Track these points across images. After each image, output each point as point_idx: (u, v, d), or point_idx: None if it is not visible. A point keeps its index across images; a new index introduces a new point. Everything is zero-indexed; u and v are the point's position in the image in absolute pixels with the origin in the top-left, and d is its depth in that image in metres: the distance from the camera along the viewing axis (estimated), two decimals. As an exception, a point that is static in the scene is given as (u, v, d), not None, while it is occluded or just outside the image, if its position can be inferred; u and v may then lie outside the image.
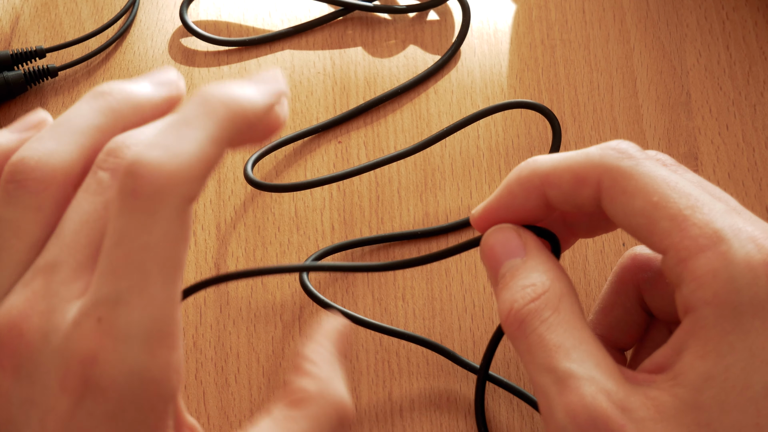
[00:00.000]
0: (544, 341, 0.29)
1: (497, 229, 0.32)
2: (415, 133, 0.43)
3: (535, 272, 0.30)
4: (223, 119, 0.24)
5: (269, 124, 0.27)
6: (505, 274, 0.31)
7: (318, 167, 0.42)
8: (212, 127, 0.24)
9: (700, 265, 0.27)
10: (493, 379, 0.38)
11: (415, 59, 0.45)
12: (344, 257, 0.41)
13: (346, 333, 0.31)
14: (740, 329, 0.27)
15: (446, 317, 0.39)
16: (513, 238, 0.31)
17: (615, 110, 0.43)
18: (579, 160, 0.30)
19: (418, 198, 0.42)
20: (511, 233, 0.32)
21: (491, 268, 0.32)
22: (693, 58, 0.44)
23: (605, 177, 0.29)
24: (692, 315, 0.28)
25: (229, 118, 0.24)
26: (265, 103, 0.26)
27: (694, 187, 0.29)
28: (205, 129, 0.24)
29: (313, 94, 0.44)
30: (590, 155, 0.29)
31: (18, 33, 0.45)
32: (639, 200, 0.28)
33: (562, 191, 0.30)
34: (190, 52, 0.45)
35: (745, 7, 0.46)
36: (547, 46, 0.45)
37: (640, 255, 0.34)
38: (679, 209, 0.28)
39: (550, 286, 0.30)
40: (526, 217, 0.32)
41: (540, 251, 0.31)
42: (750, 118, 0.43)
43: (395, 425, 0.37)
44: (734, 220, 0.28)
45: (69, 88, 0.44)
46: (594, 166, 0.29)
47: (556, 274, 0.31)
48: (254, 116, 0.25)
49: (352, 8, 0.45)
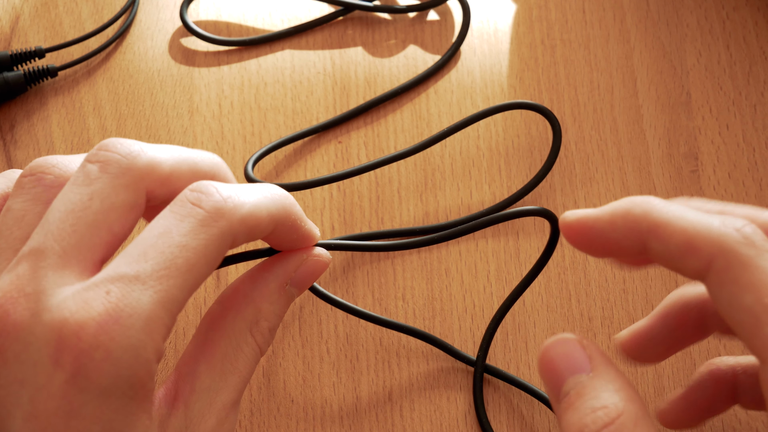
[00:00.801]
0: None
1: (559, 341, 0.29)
2: (415, 133, 0.43)
3: (606, 392, 0.27)
4: (280, 202, 0.28)
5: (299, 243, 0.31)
6: (569, 392, 0.28)
7: (318, 167, 0.42)
8: (270, 201, 0.28)
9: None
10: (490, 370, 0.38)
11: (415, 59, 0.45)
12: (343, 255, 0.41)
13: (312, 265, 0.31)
14: None
15: (446, 317, 0.39)
16: (576, 350, 0.28)
17: (615, 110, 0.43)
18: (698, 227, 0.27)
19: (418, 198, 0.42)
20: (574, 345, 0.29)
21: (551, 382, 0.29)
22: (693, 58, 0.44)
23: (720, 258, 0.26)
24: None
25: (284, 205, 0.29)
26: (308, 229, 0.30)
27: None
28: (265, 198, 0.28)
29: (313, 94, 0.44)
30: (711, 227, 0.26)
31: (18, 33, 0.45)
32: (749, 296, 0.25)
33: (668, 250, 0.27)
34: (190, 52, 0.45)
35: (745, 6, 0.46)
36: (547, 46, 0.45)
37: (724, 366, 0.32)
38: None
39: (624, 408, 0.26)
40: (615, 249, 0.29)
41: (608, 366, 0.28)
42: (750, 118, 0.43)
43: (395, 425, 0.37)
44: None
45: (69, 88, 0.44)
46: (712, 240, 0.26)
47: (628, 394, 0.27)
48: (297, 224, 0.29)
49: (352, 8, 0.45)
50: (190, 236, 0.25)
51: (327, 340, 0.39)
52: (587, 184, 0.42)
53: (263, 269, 0.30)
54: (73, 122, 0.43)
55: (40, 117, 0.43)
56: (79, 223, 0.26)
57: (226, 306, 0.30)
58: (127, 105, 0.44)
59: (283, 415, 0.38)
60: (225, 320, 0.29)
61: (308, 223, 0.30)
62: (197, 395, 0.28)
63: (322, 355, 0.39)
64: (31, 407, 0.24)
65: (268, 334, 0.30)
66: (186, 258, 0.25)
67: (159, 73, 0.44)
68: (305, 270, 0.31)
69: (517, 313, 0.40)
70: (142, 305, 0.24)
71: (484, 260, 0.40)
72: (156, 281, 0.25)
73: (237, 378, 0.29)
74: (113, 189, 0.26)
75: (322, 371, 0.38)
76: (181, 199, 0.26)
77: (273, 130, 0.43)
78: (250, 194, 0.28)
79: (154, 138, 0.43)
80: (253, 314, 0.29)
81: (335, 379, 0.38)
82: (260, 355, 0.30)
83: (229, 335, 0.29)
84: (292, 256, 0.31)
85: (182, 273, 0.25)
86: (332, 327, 0.39)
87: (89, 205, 0.26)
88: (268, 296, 0.30)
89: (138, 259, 0.25)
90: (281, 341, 0.39)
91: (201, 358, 0.28)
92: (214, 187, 0.27)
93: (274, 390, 0.38)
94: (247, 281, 0.30)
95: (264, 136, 0.43)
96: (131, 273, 0.25)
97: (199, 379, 0.28)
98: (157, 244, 0.25)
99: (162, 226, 0.26)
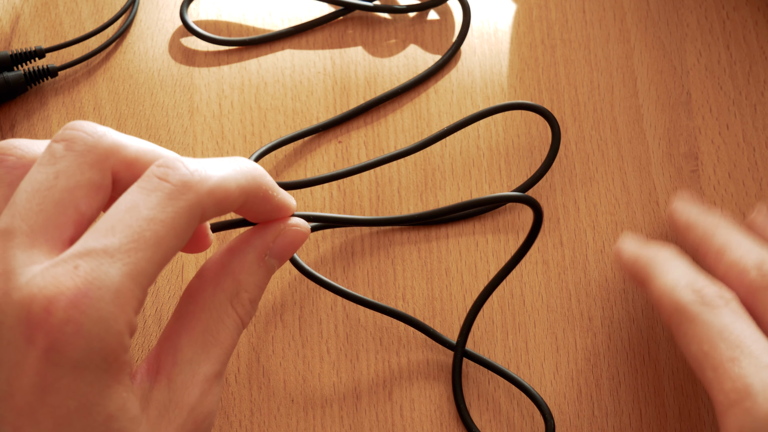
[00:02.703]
0: None
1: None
2: (415, 132, 0.43)
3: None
4: (250, 175, 0.28)
5: (275, 214, 0.31)
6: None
7: (318, 167, 0.42)
8: (239, 174, 0.28)
9: (729, 421, 0.29)
10: (470, 355, 0.38)
11: (416, 59, 0.45)
12: (344, 255, 0.41)
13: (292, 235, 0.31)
14: None
15: (446, 317, 0.39)
16: None
17: (615, 110, 0.43)
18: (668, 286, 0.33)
19: (418, 198, 0.42)
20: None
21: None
22: (693, 58, 0.44)
23: (675, 314, 0.32)
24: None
25: (254, 177, 0.28)
26: (281, 199, 0.30)
27: (750, 334, 0.31)
28: (234, 171, 0.28)
29: (313, 93, 0.44)
30: (676, 288, 0.33)
31: (18, 33, 0.45)
32: (694, 346, 0.31)
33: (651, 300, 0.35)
34: (190, 52, 0.45)
35: (745, 6, 0.46)
36: (547, 45, 0.45)
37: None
38: (722, 361, 0.30)
39: None
40: None
41: None
42: (750, 118, 0.43)
43: (395, 425, 0.37)
44: None
45: (69, 87, 0.44)
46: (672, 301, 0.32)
47: None
48: (268, 194, 0.29)
49: (352, 8, 0.45)
50: (157, 209, 0.25)
51: (327, 340, 0.39)
52: (587, 183, 0.42)
53: (241, 241, 0.30)
54: (73, 122, 0.43)
55: (40, 117, 0.43)
56: (45, 202, 0.26)
57: (206, 279, 0.30)
58: (127, 105, 0.44)
59: (283, 415, 0.38)
60: (205, 293, 0.29)
61: (281, 193, 0.30)
62: (179, 368, 0.28)
63: (322, 355, 0.39)
64: (7, 386, 0.24)
65: (249, 306, 0.30)
66: (154, 231, 0.25)
67: (159, 73, 0.44)
68: (284, 240, 0.31)
69: (517, 313, 0.40)
70: (111, 278, 0.24)
71: (484, 260, 0.40)
72: (125, 254, 0.25)
73: (219, 350, 0.29)
74: (78, 167, 0.26)
75: (322, 371, 0.38)
76: (148, 175, 0.26)
77: (273, 129, 0.43)
78: (217, 167, 0.27)
79: (155, 138, 0.43)
80: (232, 286, 0.29)
81: (335, 379, 0.38)
82: (242, 326, 0.30)
83: (209, 308, 0.29)
84: (269, 227, 0.31)
85: (151, 246, 0.25)
86: (332, 327, 0.39)
87: (55, 183, 0.26)
88: (247, 268, 0.30)
89: (106, 233, 0.25)
90: (281, 341, 0.39)
91: (182, 332, 0.28)
92: (181, 162, 0.27)
93: (274, 390, 0.38)
94: (226, 254, 0.30)
95: (264, 135, 0.43)
96: (99, 247, 0.25)
97: (181, 352, 0.28)
98: (125, 218, 0.25)
99: (129, 201, 0.26)
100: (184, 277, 0.40)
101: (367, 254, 0.41)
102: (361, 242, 0.41)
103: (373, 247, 0.41)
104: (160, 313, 0.39)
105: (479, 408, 0.38)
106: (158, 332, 0.39)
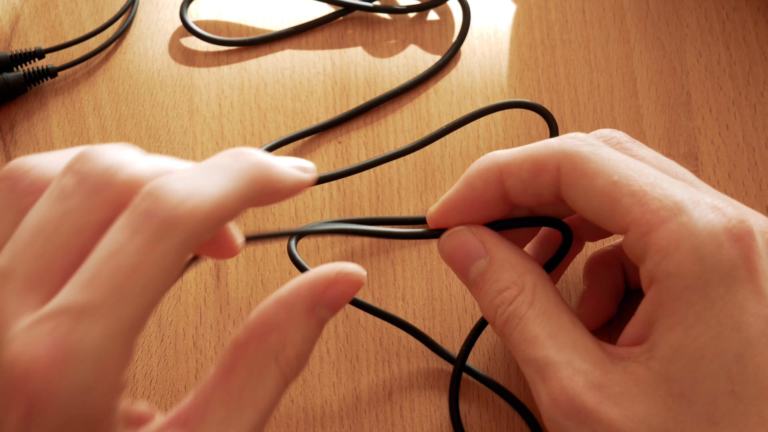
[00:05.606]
0: (524, 335, 0.30)
1: (451, 234, 0.32)
2: (415, 133, 0.43)
3: (505, 272, 0.31)
4: (250, 177, 0.25)
5: (286, 194, 0.27)
6: (476, 280, 0.32)
7: (318, 167, 0.42)
8: (239, 182, 0.25)
9: (662, 237, 0.28)
10: (469, 370, 0.38)
11: (415, 59, 0.45)
12: (344, 254, 0.41)
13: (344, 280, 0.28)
14: (706, 298, 0.27)
15: (446, 317, 0.39)
16: (470, 239, 0.32)
17: (615, 110, 0.43)
18: (538, 148, 0.31)
19: (418, 198, 0.42)
20: (466, 235, 0.32)
21: (459, 273, 0.32)
22: (693, 58, 0.44)
23: (565, 162, 0.30)
24: (657, 287, 0.28)
25: (256, 179, 0.25)
26: (291, 183, 0.27)
27: (652, 168, 0.30)
28: (232, 180, 0.25)
29: (313, 94, 0.44)
30: (549, 144, 0.31)
31: (18, 33, 0.45)
32: (599, 180, 0.29)
33: (522, 180, 0.31)
34: (190, 52, 0.45)
35: (745, 6, 0.46)
36: (547, 46, 0.45)
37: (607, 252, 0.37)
38: (640, 186, 0.29)
39: (523, 282, 0.30)
40: (484, 213, 0.32)
41: (500, 246, 0.32)
42: (750, 118, 0.43)
43: (395, 425, 0.37)
44: (694, 192, 0.29)
45: (69, 88, 0.44)
46: (554, 152, 0.30)
47: (525, 267, 0.31)
48: (276, 187, 0.26)
49: (352, 8, 0.45)
50: (141, 254, 0.23)
51: (327, 340, 0.39)
52: (587, 184, 0.42)
53: (289, 290, 0.28)
54: (73, 122, 0.43)
55: (40, 117, 0.43)
56: (48, 245, 0.24)
57: (251, 331, 0.27)
58: (127, 105, 0.44)
59: (283, 415, 0.38)
60: (248, 347, 0.27)
61: (289, 177, 0.27)
62: (207, 426, 0.26)
63: (322, 355, 0.39)
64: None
65: (296, 362, 0.27)
66: (139, 279, 0.23)
67: (159, 73, 0.44)
68: (335, 290, 0.28)
69: (517, 313, 0.40)
70: (92, 339, 0.23)
71: (484, 260, 0.40)
72: (108, 310, 0.23)
73: (254, 412, 0.26)
74: (89, 208, 0.24)
75: (322, 371, 0.38)
76: (132, 211, 0.24)
77: (273, 130, 0.43)
78: (214, 182, 0.24)
79: (154, 138, 0.43)
80: (278, 341, 0.27)
81: (335, 379, 0.38)
82: (285, 386, 0.27)
83: (250, 363, 0.26)
84: (320, 274, 0.28)
85: (136, 296, 0.23)
86: (332, 327, 0.39)
87: (61, 224, 0.24)
88: (294, 320, 0.27)
89: (87, 285, 0.23)
90: (281, 341, 0.39)
91: (218, 387, 0.26)
92: (169, 190, 0.24)
93: (274, 390, 0.38)
94: (273, 304, 0.27)
95: (264, 136, 0.43)
96: (79, 304, 0.23)
97: (213, 410, 0.26)
98: (108, 267, 0.23)
99: (111, 245, 0.23)
100: (185, 277, 0.40)
101: (367, 254, 0.41)
102: (361, 242, 0.41)
103: (373, 247, 0.41)
104: (160, 313, 0.39)
105: (479, 412, 0.38)
106: (157, 333, 0.39)
